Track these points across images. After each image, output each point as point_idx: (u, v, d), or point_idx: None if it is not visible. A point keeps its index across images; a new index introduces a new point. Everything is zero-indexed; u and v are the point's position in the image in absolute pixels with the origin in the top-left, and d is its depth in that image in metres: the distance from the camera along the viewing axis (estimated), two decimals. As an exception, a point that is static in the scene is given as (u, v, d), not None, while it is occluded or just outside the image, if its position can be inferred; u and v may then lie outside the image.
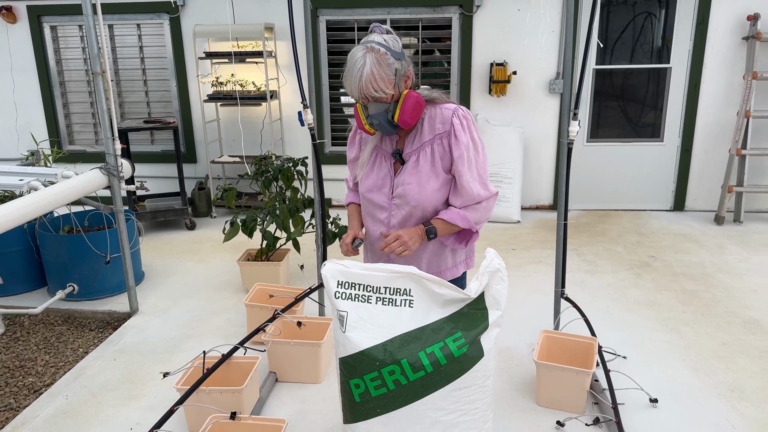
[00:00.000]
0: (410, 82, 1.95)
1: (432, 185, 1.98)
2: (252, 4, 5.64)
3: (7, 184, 3.36)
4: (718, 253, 4.67)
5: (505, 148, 5.51)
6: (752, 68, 5.13)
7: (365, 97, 1.87)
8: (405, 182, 2.00)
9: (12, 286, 4.12)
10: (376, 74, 1.82)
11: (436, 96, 2.01)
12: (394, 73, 1.86)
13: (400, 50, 1.90)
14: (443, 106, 1.98)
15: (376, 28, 1.91)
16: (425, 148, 1.98)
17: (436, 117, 1.98)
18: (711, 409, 2.73)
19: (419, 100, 1.91)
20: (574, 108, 2.87)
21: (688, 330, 3.47)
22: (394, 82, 1.87)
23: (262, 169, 4.18)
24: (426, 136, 1.99)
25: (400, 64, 1.88)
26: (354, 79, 1.83)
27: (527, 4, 5.38)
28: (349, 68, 1.85)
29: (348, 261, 1.94)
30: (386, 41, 1.86)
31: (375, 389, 1.80)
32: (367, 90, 1.84)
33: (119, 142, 3.53)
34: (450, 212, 1.98)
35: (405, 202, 2.00)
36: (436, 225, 1.98)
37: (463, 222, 1.98)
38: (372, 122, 1.94)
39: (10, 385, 3.14)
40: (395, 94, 1.89)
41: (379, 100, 1.87)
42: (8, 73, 6.09)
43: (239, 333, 3.49)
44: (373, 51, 1.83)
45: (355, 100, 1.93)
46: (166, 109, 6.12)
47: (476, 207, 1.99)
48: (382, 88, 1.84)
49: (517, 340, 3.34)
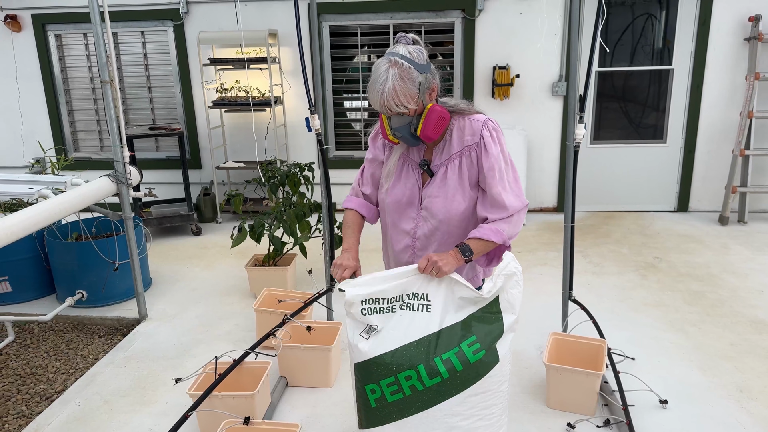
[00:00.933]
0: (435, 94, 1.92)
1: (459, 199, 1.95)
2: (255, 11, 5.67)
3: (17, 192, 3.38)
4: (722, 253, 4.68)
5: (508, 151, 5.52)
6: (754, 69, 5.15)
7: (388, 110, 1.85)
8: (432, 195, 1.97)
9: (21, 293, 4.14)
10: (399, 89, 1.80)
11: (463, 106, 1.97)
12: (418, 87, 1.83)
13: (425, 62, 1.85)
14: (473, 118, 1.95)
15: (402, 39, 1.87)
16: (454, 160, 1.95)
17: (465, 128, 1.95)
18: (720, 409, 2.75)
19: (443, 115, 1.87)
20: (579, 111, 2.89)
21: (695, 330, 3.48)
22: (418, 96, 1.84)
23: (269, 175, 4.21)
24: (455, 147, 1.96)
25: (425, 77, 1.84)
26: (376, 93, 1.81)
27: (529, 8, 5.41)
28: (373, 81, 1.82)
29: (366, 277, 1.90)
30: (410, 53, 1.83)
31: (391, 395, 1.81)
32: (389, 105, 1.82)
33: (127, 150, 3.56)
34: (482, 229, 1.92)
35: (431, 215, 1.98)
36: (470, 244, 1.91)
37: (497, 237, 1.90)
38: (395, 134, 1.92)
39: (21, 393, 3.16)
40: (419, 108, 1.86)
41: (401, 114, 1.86)
42: (13, 81, 6.12)
43: (248, 338, 3.51)
44: (396, 65, 1.80)
45: (378, 112, 1.90)
46: (170, 115, 6.14)
47: (508, 220, 1.93)
48: (404, 104, 1.82)
49: (525, 342, 3.35)
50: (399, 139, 1.95)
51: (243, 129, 5.99)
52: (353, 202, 2.20)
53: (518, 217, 1.96)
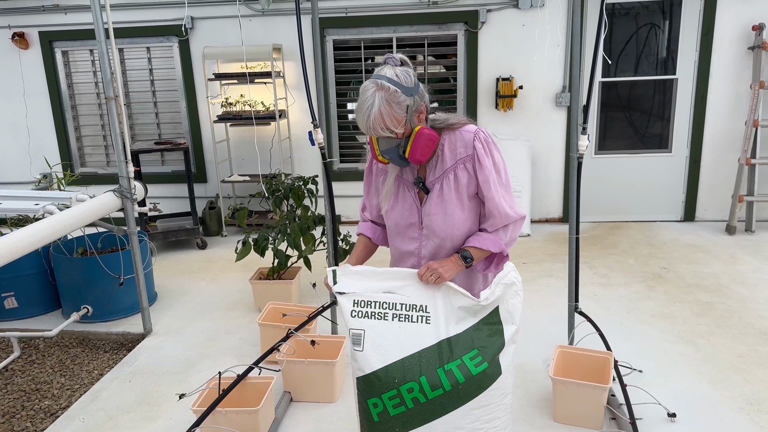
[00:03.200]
0: (424, 116, 1.90)
1: (458, 214, 1.94)
2: (260, 26, 5.72)
3: (23, 208, 3.41)
4: (731, 263, 4.64)
5: (513, 162, 5.52)
6: (759, 78, 5.13)
7: (375, 134, 1.83)
8: (432, 213, 1.95)
9: (27, 309, 4.15)
10: (385, 114, 1.77)
11: (453, 121, 1.95)
12: (405, 111, 1.80)
13: (413, 84, 1.83)
14: (463, 130, 1.94)
15: (389, 60, 1.85)
16: (448, 174, 1.94)
17: (457, 141, 1.93)
18: (730, 422, 2.70)
19: (431, 137, 1.85)
20: (582, 122, 2.89)
21: (703, 342, 3.44)
22: (405, 119, 1.82)
23: (273, 188, 4.22)
24: (448, 162, 1.94)
25: (412, 99, 1.82)
26: (363, 117, 1.79)
27: (532, 20, 5.43)
28: (359, 105, 1.80)
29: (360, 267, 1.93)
30: (398, 76, 1.80)
31: (393, 408, 1.80)
32: (375, 129, 1.80)
33: (132, 165, 3.58)
34: (480, 238, 1.94)
35: (433, 233, 1.97)
36: (469, 251, 1.93)
37: (495, 246, 1.93)
38: (384, 156, 1.91)
39: (26, 409, 3.16)
40: (406, 131, 1.84)
41: (389, 138, 1.85)
42: (21, 98, 6.19)
43: (253, 352, 3.50)
44: (382, 89, 1.77)
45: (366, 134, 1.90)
46: (176, 130, 6.19)
47: (506, 229, 1.94)
48: (391, 128, 1.80)
49: (531, 355, 3.32)
50: (389, 161, 1.93)
51: (248, 143, 6.02)
52: (363, 227, 2.24)
53: (514, 227, 1.96)
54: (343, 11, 5.60)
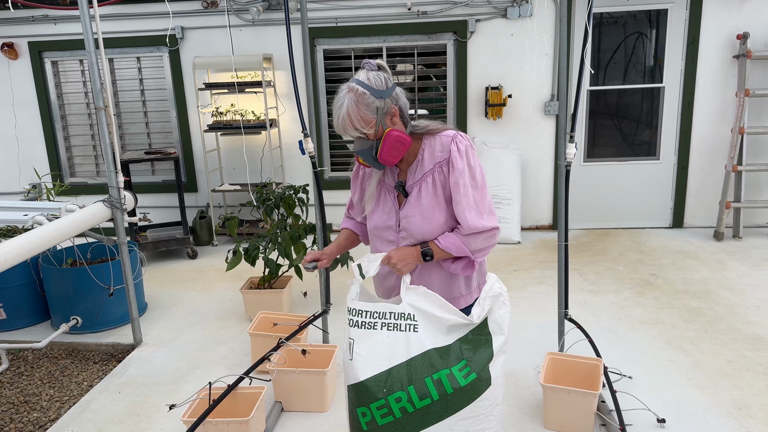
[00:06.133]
0: (397, 119, 1.93)
1: (437, 217, 1.95)
2: (250, 36, 5.74)
3: (12, 219, 3.39)
4: (719, 269, 4.69)
5: (502, 170, 5.56)
6: (744, 86, 5.20)
7: (346, 134, 1.91)
8: (409, 215, 1.98)
9: (15, 320, 4.12)
10: (353, 114, 1.85)
11: (433, 126, 1.99)
12: (375, 112, 1.87)
13: (384, 88, 1.89)
14: (442, 134, 1.97)
15: (366, 65, 1.93)
16: (426, 178, 1.97)
17: (436, 146, 1.97)
18: (719, 428, 2.72)
19: (400, 139, 1.89)
20: (570, 131, 2.92)
21: (692, 348, 3.47)
22: (375, 120, 1.87)
23: (264, 197, 4.22)
24: (427, 166, 1.98)
25: (383, 102, 1.87)
26: (335, 117, 1.89)
27: (520, 30, 5.48)
28: (333, 106, 1.90)
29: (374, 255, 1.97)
30: (369, 79, 1.88)
31: (381, 417, 1.80)
32: (345, 129, 1.88)
33: (122, 175, 3.57)
34: (448, 239, 1.93)
35: (410, 234, 1.98)
36: (432, 247, 1.94)
37: (457, 250, 1.92)
38: (360, 157, 1.97)
39: (15, 421, 3.12)
40: (378, 132, 1.90)
41: (359, 138, 1.91)
42: (10, 108, 6.16)
43: (244, 362, 3.49)
44: (352, 91, 1.86)
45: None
46: (166, 139, 6.18)
47: (476, 236, 1.92)
48: (359, 128, 1.87)
49: (522, 362, 3.34)
50: (365, 162, 1.98)
51: (239, 152, 6.02)
52: (347, 222, 2.31)
53: (486, 237, 1.93)
54: (333, 21, 5.63)
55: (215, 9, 5.66)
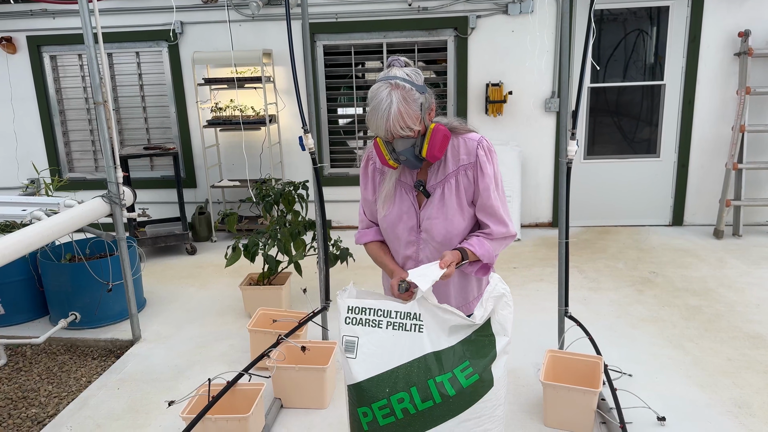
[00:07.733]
0: (434, 114, 1.92)
1: (458, 220, 1.93)
2: (250, 31, 5.71)
3: (10, 214, 3.37)
4: (718, 267, 4.68)
5: (503, 167, 5.54)
6: (745, 83, 5.19)
7: (392, 135, 1.82)
8: (432, 216, 1.94)
9: (14, 315, 4.10)
10: (404, 112, 1.77)
11: (456, 125, 1.96)
12: (420, 108, 1.81)
13: (422, 83, 1.85)
14: (467, 137, 1.95)
15: (395, 62, 1.86)
16: (450, 179, 1.93)
17: (460, 147, 1.94)
18: (719, 426, 2.72)
19: (446, 134, 1.87)
20: (571, 128, 2.91)
21: (692, 346, 3.46)
22: (420, 117, 1.82)
23: (263, 193, 4.20)
24: (450, 167, 1.94)
25: (425, 97, 1.84)
26: (381, 119, 1.78)
27: (521, 26, 5.46)
28: (374, 107, 1.79)
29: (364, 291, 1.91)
30: (409, 75, 1.82)
31: (383, 418, 1.79)
32: (395, 129, 1.79)
33: (121, 170, 3.55)
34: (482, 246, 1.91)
35: (431, 237, 1.95)
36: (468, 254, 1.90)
37: (489, 257, 1.92)
38: (398, 158, 1.89)
39: (13, 417, 3.12)
40: (422, 129, 1.85)
41: (407, 137, 1.84)
42: (8, 103, 6.14)
43: (243, 359, 3.48)
44: (398, 88, 1.78)
45: (381, 138, 1.87)
46: (165, 135, 6.16)
47: (502, 241, 1.95)
48: (410, 126, 1.80)
49: (522, 359, 3.33)
50: (401, 163, 1.91)
51: (238, 148, 6.00)
52: (369, 234, 2.14)
53: (507, 242, 1.97)
54: (334, 17, 5.60)
55: (215, 4, 5.63)
